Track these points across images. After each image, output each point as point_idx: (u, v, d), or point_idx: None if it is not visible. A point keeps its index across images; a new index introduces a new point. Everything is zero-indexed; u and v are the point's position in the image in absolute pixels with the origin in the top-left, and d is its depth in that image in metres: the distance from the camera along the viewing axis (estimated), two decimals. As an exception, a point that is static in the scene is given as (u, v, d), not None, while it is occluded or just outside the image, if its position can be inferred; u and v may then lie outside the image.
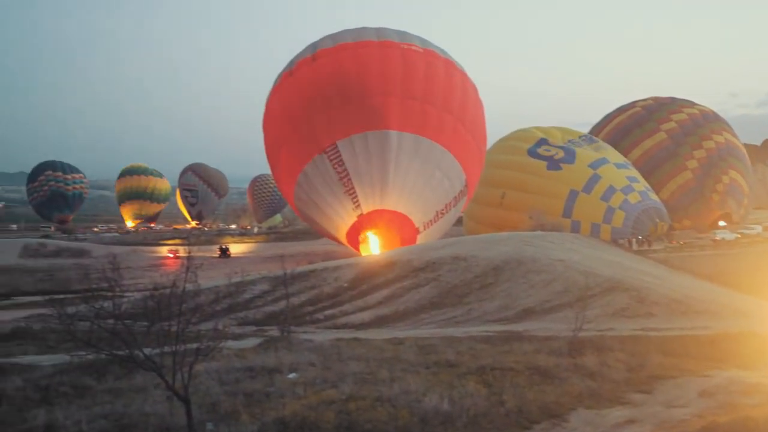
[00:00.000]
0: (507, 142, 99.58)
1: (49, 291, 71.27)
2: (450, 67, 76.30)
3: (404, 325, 39.77)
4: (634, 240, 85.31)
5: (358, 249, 75.12)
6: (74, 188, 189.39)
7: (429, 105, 72.42)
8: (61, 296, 46.27)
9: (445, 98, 73.44)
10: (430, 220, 73.91)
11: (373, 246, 72.69)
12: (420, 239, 72.52)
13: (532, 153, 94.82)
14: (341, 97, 72.46)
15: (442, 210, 74.58)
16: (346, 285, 50.17)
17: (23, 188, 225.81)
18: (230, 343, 26.43)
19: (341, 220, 74.46)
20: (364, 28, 77.99)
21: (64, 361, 23.42)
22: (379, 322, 41.53)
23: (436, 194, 73.83)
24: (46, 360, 26.33)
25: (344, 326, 40.74)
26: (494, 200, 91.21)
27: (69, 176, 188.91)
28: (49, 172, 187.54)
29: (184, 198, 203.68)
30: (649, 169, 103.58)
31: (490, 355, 23.30)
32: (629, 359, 22.27)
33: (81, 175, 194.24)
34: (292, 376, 20.90)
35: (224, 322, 38.73)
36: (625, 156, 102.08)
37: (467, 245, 54.99)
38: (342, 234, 76.02)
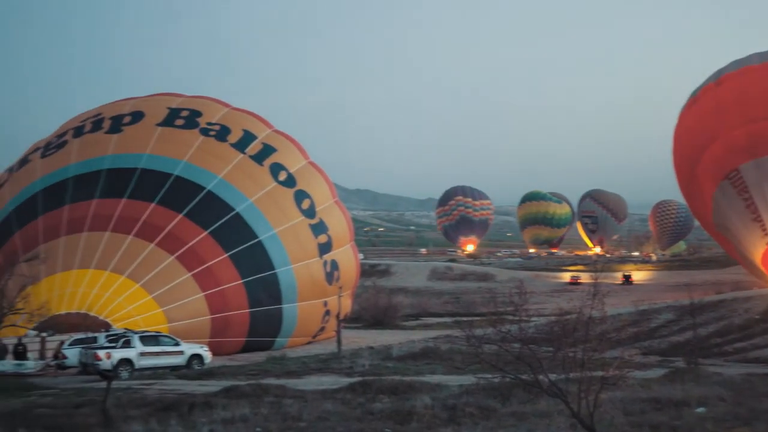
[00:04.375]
0: None
1: (455, 313, 73.68)
2: None
3: (824, 361, 36.90)
4: None
5: (769, 279, 71.02)
6: (481, 214, 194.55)
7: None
8: (467, 319, 47.74)
9: None
10: None
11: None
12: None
13: None
14: (744, 120, 69.03)
15: None
16: (757, 317, 47.55)
17: (431, 214, 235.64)
18: (635, 373, 25.78)
19: (753, 247, 70.66)
20: (774, 49, 73.76)
21: (471, 382, 23.94)
22: (796, 357, 38.83)
23: None
24: (453, 380, 27.14)
25: (756, 360, 38.54)
26: None
27: (477, 202, 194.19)
28: (459, 198, 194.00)
29: (584, 224, 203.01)
30: None
31: None
32: None
33: (488, 201, 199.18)
34: (700, 410, 20.01)
35: (629, 350, 38.02)
36: None
37: None
38: (757, 261, 72.05)
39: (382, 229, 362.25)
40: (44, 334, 38.60)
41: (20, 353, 36.28)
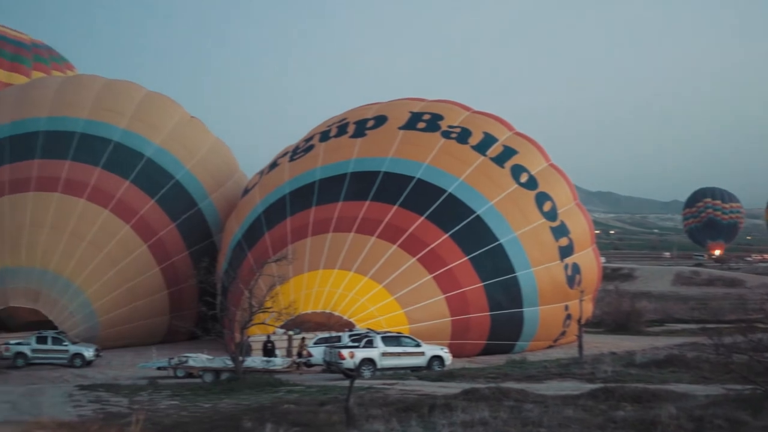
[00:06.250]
0: None
1: (702, 320, 71.10)
2: None
3: None
4: None
5: None
6: (730, 217, 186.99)
7: None
8: (715, 326, 45.88)
9: None
10: None
11: None
12: None
13: None
14: None
15: None
16: None
17: (676, 216, 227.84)
18: None
19: None
20: None
21: (719, 392, 22.98)
22: None
23: None
24: (700, 390, 26.13)
25: None
26: None
27: (727, 205, 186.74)
28: (708, 200, 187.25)
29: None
30: None
31: None
32: None
33: (739, 204, 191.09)
34: None
35: None
36: None
37: None
38: None
39: (612, 231, 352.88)
40: (291, 333, 40.16)
41: (269, 350, 37.89)
